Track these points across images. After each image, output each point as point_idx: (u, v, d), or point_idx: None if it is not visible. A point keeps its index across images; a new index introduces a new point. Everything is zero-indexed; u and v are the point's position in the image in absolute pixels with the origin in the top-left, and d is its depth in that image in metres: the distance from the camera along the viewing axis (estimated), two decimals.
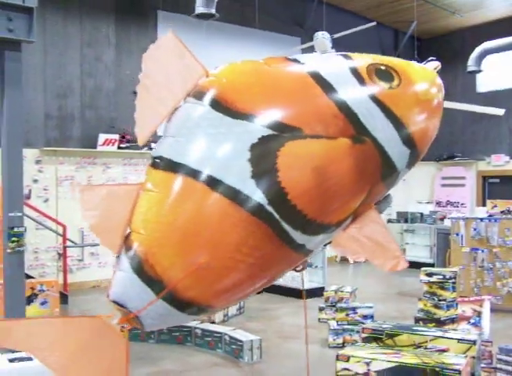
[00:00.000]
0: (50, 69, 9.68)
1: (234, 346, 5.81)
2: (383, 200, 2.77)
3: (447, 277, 5.39)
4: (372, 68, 2.61)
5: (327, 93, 2.44)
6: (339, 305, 6.42)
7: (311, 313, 5.55)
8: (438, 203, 14.66)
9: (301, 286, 6.80)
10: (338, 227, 2.56)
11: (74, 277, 9.52)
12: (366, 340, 3.38)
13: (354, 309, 6.36)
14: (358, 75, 2.55)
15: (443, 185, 14.80)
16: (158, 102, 2.47)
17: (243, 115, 2.34)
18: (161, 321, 2.51)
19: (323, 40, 9.08)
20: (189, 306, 2.39)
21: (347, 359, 3.03)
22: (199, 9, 7.75)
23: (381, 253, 2.67)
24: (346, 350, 3.16)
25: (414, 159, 2.69)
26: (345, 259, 12.38)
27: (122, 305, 2.38)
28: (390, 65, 2.68)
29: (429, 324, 5.00)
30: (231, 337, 5.89)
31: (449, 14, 13.38)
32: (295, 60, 2.59)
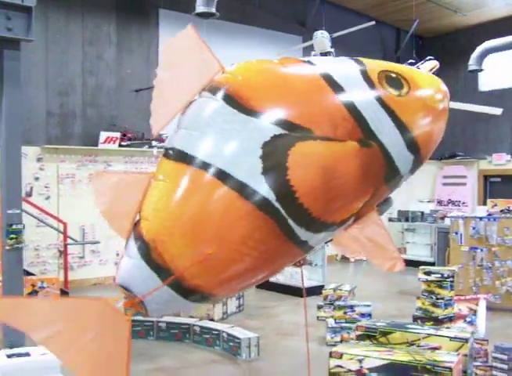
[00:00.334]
0: (52, 67, 9.72)
1: (232, 343, 5.85)
2: (384, 202, 2.83)
3: (445, 276, 5.41)
4: (383, 75, 2.67)
5: (338, 96, 2.51)
6: (337, 304, 6.44)
7: (309, 311, 5.52)
8: (440, 202, 14.65)
9: (300, 284, 6.84)
10: (341, 226, 2.64)
11: (75, 275, 9.57)
12: (360, 338, 3.39)
13: (352, 307, 6.38)
14: (369, 80, 2.61)
15: (444, 184, 14.80)
16: (174, 95, 2.53)
17: (257, 113, 2.39)
18: (165, 307, 2.57)
19: (322, 39, 9.10)
20: (193, 294, 2.45)
21: (340, 356, 3.04)
22: (199, 8, 7.76)
23: (380, 254, 2.77)
24: (339, 347, 3.17)
25: (417, 164, 2.75)
26: (346, 258, 12.41)
27: (128, 290, 2.44)
28: (400, 72, 2.75)
29: (427, 323, 5.02)
30: (229, 334, 5.93)
31: (452, 13, 13.37)
32: (309, 62, 2.67)
